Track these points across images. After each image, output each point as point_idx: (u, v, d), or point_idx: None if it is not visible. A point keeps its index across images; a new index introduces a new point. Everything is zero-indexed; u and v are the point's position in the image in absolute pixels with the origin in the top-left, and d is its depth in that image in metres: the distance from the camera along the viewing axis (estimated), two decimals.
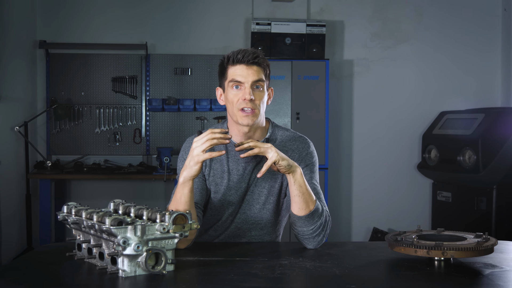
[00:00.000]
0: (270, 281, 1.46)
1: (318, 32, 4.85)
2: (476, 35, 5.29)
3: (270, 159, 1.78)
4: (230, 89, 1.93)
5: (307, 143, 2.06)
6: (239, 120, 1.92)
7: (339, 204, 5.22)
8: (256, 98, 1.92)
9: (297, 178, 1.82)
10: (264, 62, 1.96)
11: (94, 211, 1.59)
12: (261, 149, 1.78)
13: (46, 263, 1.63)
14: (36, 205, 4.70)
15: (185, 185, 1.80)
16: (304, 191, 1.83)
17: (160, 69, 5.07)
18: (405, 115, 5.25)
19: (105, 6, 5.05)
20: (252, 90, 1.91)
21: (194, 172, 1.78)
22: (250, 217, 2.03)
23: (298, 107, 4.71)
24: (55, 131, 4.98)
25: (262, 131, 2.03)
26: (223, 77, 1.97)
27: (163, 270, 1.48)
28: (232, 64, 1.93)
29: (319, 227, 1.85)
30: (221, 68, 1.98)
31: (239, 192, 2.01)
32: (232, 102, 1.93)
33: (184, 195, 1.80)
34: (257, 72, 1.93)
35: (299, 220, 1.85)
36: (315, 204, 1.85)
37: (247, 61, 1.91)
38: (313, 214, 1.84)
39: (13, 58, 4.56)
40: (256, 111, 1.92)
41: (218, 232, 2.05)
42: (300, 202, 1.83)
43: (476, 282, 1.47)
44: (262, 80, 1.94)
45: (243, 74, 1.91)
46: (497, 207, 4.18)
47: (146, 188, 5.08)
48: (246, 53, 1.91)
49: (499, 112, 4.44)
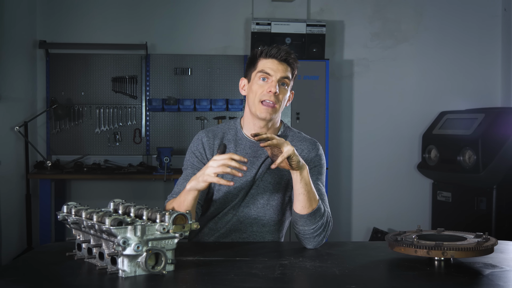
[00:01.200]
0: (270, 281, 1.46)
1: (318, 32, 4.85)
2: (476, 35, 5.29)
3: (286, 151, 1.78)
4: (257, 79, 1.98)
5: (316, 146, 2.10)
6: (257, 112, 1.97)
7: (339, 204, 5.22)
8: (280, 93, 1.97)
9: (304, 175, 1.83)
10: (295, 63, 2.02)
11: (94, 211, 1.59)
12: (279, 141, 1.80)
13: (46, 263, 1.63)
14: (36, 205, 4.70)
15: (190, 193, 1.83)
16: (309, 190, 1.84)
17: (160, 69, 5.07)
18: (405, 115, 5.25)
19: (105, 6, 5.05)
20: (277, 85, 1.96)
21: (200, 187, 1.81)
22: (253, 211, 2.03)
23: (298, 107, 4.71)
24: (55, 131, 4.98)
25: (275, 130, 2.08)
26: (252, 67, 2.02)
27: (163, 270, 1.48)
28: (265, 57, 1.99)
29: (320, 227, 1.86)
30: (251, 59, 2.04)
31: (243, 185, 2.02)
32: (256, 92, 1.98)
33: (187, 201, 1.84)
34: (286, 69, 1.99)
35: (301, 219, 1.86)
36: (318, 203, 1.87)
37: (280, 57, 1.97)
38: (315, 213, 1.85)
39: (13, 58, 4.57)
40: (276, 106, 1.97)
41: (218, 226, 2.05)
42: (304, 200, 1.84)
43: (476, 282, 1.47)
44: (289, 78, 2.00)
45: (273, 68, 1.97)
46: (497, 207, 4.18)
47: (146, 188, 5.08)
48: (280, 50, 1.98)
49: (499, 112, 4.44)
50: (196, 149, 2.07)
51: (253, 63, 2.02)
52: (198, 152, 2.06)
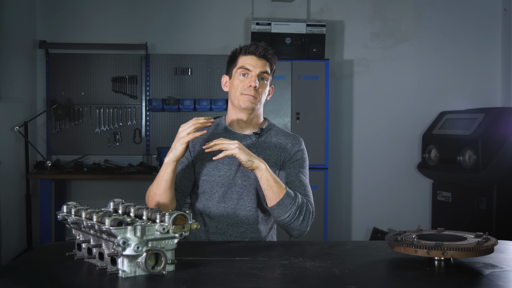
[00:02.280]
0: (270, 281, 1.46)
1: (318, 32, 4.85)
2: (476, 35, 5.29)
3: (229, 150, 1.89)
4: (238, 75, 2.09)
5: (299, 141, 2.18)
6: (240, 102, 2.07)
7: (339, 204, 5.22)
8: (260, 87, 2.08)
9: (263, 173, 1.93)
10: (273, 58, 2.13)
11: (94, 211, 1.58)
12: (223, 145, 1.89)
13: (46, 263, 1.63)
14: (36, 205, 4.69)
15: (168, 165, 1.95)
16: (271, 184, 1.93)
17: (160, 69, 5.07)
18: (405, 115, 5.25)
19: (105, 6, 5.05)
20: (257, 80, 2.06)
21: (179, 152, 1.92)
22: (239, 206, 2.07)
23: (298, 107, 4.71)
24: (55, 131, 4.98)
25: (258, 125, 2.16)
26: (232, 64, 2.13)
27: (163, 270, 1.48)
28: (244, 54, 2.10)
29: (295, 213, 1.95)
30: (232, 56, 2.14)
31: (227, 179, 2.08)
32: (236, 87, 2.08)
33: (166, 175, 1.96)
34: (265, 65, 2.10)
35: (273, 210, 1.96)
36: (285, 192, 1.94)
37: (258, 53, 2.09)
38: (283, 201, 1.93)
39: (13, 58, 4.56)
40: (257, 98, 2.07)
41: (207, 221, 2.08)
42: (270, 194, 1.94)
43: (476, 282, 1.47)
44: (267, 73, 2.11)
45: (252, 63, 2.07)
46: (497, 207, 4.18)
47: (146, 188, 5.00)
48: (258, 46, 2.09)
49: (499, 112, 4.44)
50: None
51: (233, 60, 2.13)
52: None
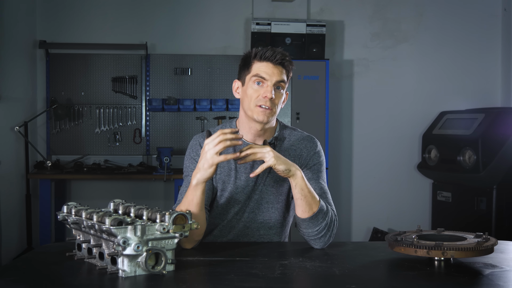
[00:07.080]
0: (270, 281, 1.46)
1: (318, 32, 4.85)
2: (476, 35, 5.29)
3: (266, 162, 1.78)
4: (252, 83, 1.92)
5: (314, 143, 2.06)
6: (254, 115, 1.91)
7: (339, 204, 5.21)
8: (276, 98, 1.91)
9: (298, 181, 1.82)
10: (290, 65, 1.96)
11: (94, 211, 1.58)
12: (257, 155, 1.79)
13: (46, 263, 1.63)
14: (36, 205, 4.69)
15: (197, 187, 1.78)
16: (306, 194, 1.83)
17: (160, 69, 5.07)
18: (405, 115, 5.25)
19: (105, 6, 5.05)
20: (273, 90, 1.90)
21: (209, 174, 1.76)
22: (258, 216, 2.01)
23: (298, 107, 4.71)
24: (55, 131, 4.98)
25: (271, 130, 2.02)
26: (246, 70, 1.95)
27: (163, 270, 1.48)
28: (259, 60, 1.92)
29: (324, 228, 1.84)
30: (245, 61, 1.96)
31: (246, 190, 1.99)
32: (251, 97, 1.91)
33: (197, 197, 1.79)
34: (282, 73, 1.92)
35: (303, 222, 1.84)
36: (319, 205, 1.84)
37: (275, 61, 1.91)
38: (316, 216, 1.83)
39: (13, 58, 4.56)
40: (273, 110, 1.92)
41: (223, 232, 2.01)
42: (303, 205, 1.83)
43: (476, 282, 1.47)
44: (284, 81, 1.94)
45: (268, 72, 1.90)
46: (497, 207, 4.18)
47: (146, 188, 5.07)
48: (275, 53, 1.91)
49: (499, 112, 4.44)
50: (196, 154, 1.99)
51: (247, 66, 1.95)
52: (198, 156, 1.96)
